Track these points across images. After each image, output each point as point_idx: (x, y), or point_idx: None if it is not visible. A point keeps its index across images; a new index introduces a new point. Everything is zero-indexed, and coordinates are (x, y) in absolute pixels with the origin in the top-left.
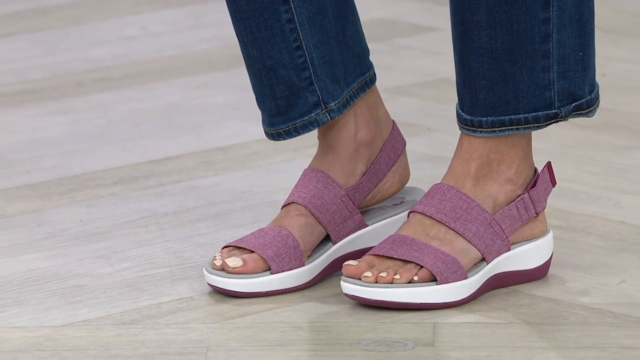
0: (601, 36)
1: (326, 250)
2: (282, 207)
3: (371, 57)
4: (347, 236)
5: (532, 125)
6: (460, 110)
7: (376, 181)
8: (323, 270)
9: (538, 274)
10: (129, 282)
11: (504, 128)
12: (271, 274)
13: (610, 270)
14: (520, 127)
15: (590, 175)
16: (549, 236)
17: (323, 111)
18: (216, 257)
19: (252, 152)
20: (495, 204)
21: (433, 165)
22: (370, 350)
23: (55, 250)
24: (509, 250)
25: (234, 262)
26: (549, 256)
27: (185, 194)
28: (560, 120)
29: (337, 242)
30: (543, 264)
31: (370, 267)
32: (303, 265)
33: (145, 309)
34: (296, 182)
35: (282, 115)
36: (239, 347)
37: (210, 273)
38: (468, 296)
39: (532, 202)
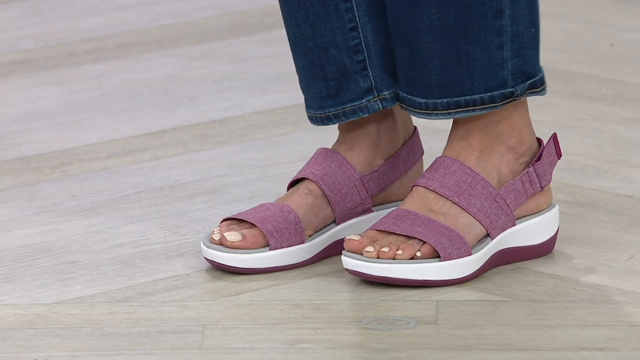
0: (609, 5)
1: (328, 230)
2: (291, 183)
3: None
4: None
5: (489, 105)
6: (409, 96)
7: (392, 177)
8: (323, 249)
9: (544, 250)
10: (124, 259)
11: (459, 110)
12: (270, 249)
13: (618, 246)
14: (476, 108)
15: (598, 149)
16: (555, 210)
17: (375, 99)
18: (214, 231)
19: (250, 124)
20: (500, 176)
21: (435, 139)
22: (371, 328)
23: (47, 226)
24: (514, 225)
25: (232, 236)
26: (555, 231)
27: (181, 168)
28: (516, 100)
29: (340, 224)
30: (549, 239)
31: (373, 241)
32: (303, 243)
33: (140, 286)
34: (295, 161)
35: (332, 98)
36: (237, 325)
37: (208, 247)
38: (472, 273)
39: (537, 175)
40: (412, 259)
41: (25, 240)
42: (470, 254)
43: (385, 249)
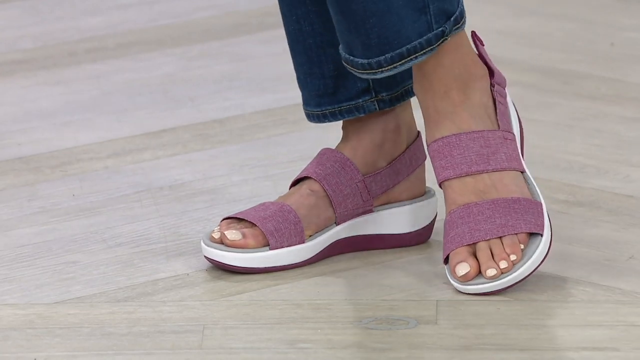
0: (610, 4)
1: (328, 230)
2: (293, 182)
3: None
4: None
5: (428, 49)
6: (351, 57)
7: (395, 180)
8: (324, 249)
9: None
10: (123, 259)
11: (404, 61)
12: (270, 249)
13: (618, 246)
14: (418, 54)
15: (598, 148)
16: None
17: (372, 99)
18: (215, 230)
19: (250, 124)
20: (487, 110)
21: None
22: (371, 328)
23: (47, 226)
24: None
25: (233, 234)
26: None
27: (181, 168)
28: (447, 39)
29: (340, 224)
30: None
31: (475, 258)
32: (303, 242)
33: (140, 286)
34: (294, 159)
35: (329, 96)
36: (237, 325)
37: (208, 245)
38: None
39: (499, 85)
40: (522, 251)
41: (24, 240)
42: (542, 203)
43: (503, 265)
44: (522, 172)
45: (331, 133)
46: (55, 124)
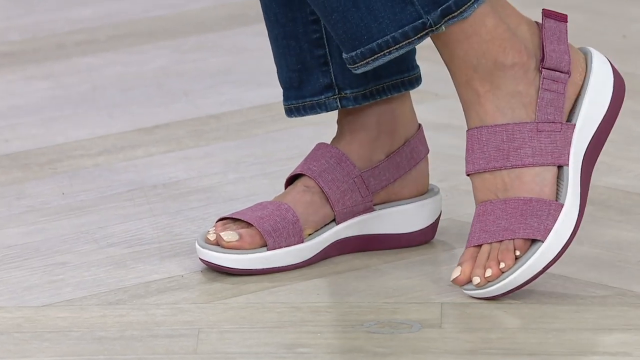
0: None
1: (328, 229)
2: (288, 179)
3: None
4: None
5: (404, 43)
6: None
7: (395, 175)
8: (323, 249)
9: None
10: (115, 259)
11: (376, 56)
12: (267, 250)
13: (631, 247)
14: (392, 49)
15: (610, 144)
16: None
17: (334, 96)
18: (210, 231)
19: (247, 119)
20: (524, 100)
21: (441, 135)
22: (373, 332)
23: (35, 225)
24: (574, 129)
25: (229, 236)
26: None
27: (175, 165)
28: (435, 31)
29: (340, 223)
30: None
31: (472, 263)
32: (302, 242)
33: (132, 288)
34: (296, 156)
35: (295, 90)
36: (233, 328)
37: (203, 247)
38: (579, 212)
39: (553, 69)
40: (516, 259)
41: (12, 241)
42: (562, 205)
43: (488, 273)
44: (561, 166)
45: (331, 128)
46: (45, 119)
